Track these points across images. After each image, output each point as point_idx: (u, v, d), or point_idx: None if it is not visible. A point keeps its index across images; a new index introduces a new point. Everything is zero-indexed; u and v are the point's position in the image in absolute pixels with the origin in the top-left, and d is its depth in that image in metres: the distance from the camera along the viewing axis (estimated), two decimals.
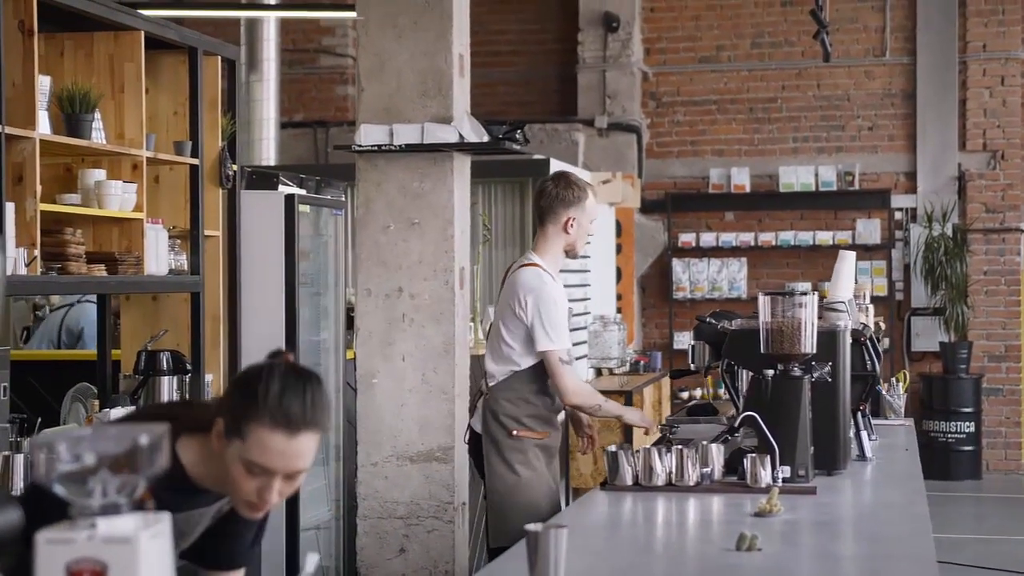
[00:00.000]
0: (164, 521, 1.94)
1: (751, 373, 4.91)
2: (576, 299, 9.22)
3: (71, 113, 5.01)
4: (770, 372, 4.73)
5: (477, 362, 7.62)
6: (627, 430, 8.03)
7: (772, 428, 4.61)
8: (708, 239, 13.39)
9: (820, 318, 5.39)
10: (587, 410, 5.33)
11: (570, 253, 5.42)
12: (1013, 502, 12.04)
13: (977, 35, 13.13)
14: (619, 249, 12.76)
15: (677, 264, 13.43)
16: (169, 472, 2.72)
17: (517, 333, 5.25)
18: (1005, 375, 13.12)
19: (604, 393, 8.92)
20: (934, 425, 12.75)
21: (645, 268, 13.55)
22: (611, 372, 10.71)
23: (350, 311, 6.79)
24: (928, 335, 13.06)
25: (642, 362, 11.15)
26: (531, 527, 2.96)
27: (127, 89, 5.36)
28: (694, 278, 13.41)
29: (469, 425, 5.52)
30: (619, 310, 12.51)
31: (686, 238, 13.44)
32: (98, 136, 5.17)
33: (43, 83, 4.89)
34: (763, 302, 4.78)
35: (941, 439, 12.71)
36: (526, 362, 5.27)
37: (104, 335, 5.87)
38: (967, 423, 12.70)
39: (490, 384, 5.34)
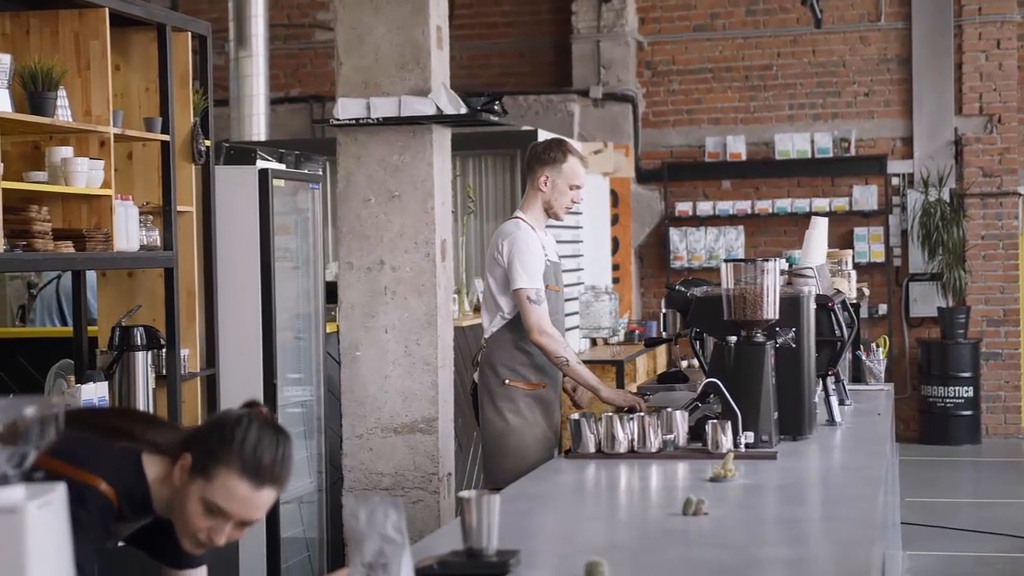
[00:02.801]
0: (57, 491, 1.97)
1: (715, 340, 4.93)
2: (568, 269, 9.22)
3: (34, 91, 5.02)
4: (733, 338, 4.75)
5: (461, 333, 7.66)
6: None
7: (735, 394, 4.63)
8: (705, 208, 13.36)
9: (788, 284, 5.41)
10: (551, 356, 5.35)
11: (549, 212, 5.52)
12: (1012, 466, 12.04)
13: None
14: (616, 219, 12.76)
15: (674, 233, 13.42)
16: (135, 485, 2.76)
17: (498, 279, 5.40)
18: (1004, 339, 13.10)
19: (595, 363, 8.95)
20: (933, 390, 12.75)
21: (642, 238, 13.54)
22: (605, 342, 10.72)
23: (330, 284, 6.82)
24: (926, 300, 13.04)
25: (637, 332, 11.15)
26: (464, 494, 3.00)
27: (93, 66, 5.36)
28: (691, 247, 13.40)
29: (473, 378, 5.63)
30: (617, 280, 12.52)
31: (683, 207, 13.41)
32: (64, 114, 5.18)
33: (3, 61, 4.90)
34: (725, 269, 4.79)
35: (940, 404, 12.71)
36: (509, 307, 5.40)
37: (80, 311, 5.90)
38: (966, 388, 12.69)
39: (485, 337, 5.49)
